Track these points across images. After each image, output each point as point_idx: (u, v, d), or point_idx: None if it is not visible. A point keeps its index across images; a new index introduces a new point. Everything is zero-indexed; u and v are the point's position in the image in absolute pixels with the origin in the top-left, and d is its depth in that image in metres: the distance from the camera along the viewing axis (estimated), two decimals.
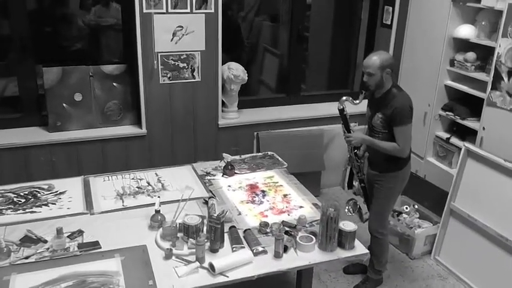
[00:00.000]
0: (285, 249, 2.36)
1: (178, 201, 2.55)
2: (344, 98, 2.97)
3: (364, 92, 2.91)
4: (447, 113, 3.84)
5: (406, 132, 2.80)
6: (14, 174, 3.42)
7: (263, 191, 2.98)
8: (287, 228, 2.53)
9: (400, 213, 3.81)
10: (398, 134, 2.80)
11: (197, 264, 2.22)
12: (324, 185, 4.52)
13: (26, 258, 2.23)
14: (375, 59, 2.78)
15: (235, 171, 3.20)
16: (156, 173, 3.17)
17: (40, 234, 2.40)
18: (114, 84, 3.74)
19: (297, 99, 4.50)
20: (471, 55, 3.64)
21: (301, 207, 2.82)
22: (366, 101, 3.01)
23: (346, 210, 3.17)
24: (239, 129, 4.08)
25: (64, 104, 3.62)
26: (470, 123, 3.64)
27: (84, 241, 2.38)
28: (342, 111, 2.98)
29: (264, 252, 2.35)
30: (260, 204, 2.82)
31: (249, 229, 2.52)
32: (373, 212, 3.11)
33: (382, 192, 3.02)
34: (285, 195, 2.94)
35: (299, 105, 4.48)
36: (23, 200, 2.77)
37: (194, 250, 2.27)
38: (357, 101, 2.93)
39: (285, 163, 3.39)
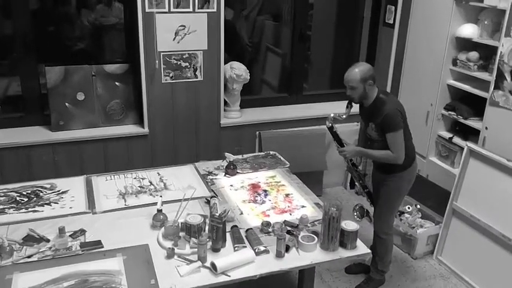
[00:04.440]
0: (287, 248, 2.36)
1: (180, 200, 2.55)
2: (331, 115, 3.00)
3: (350, 105, 2.93)
4: (450, 112, 3.84)
5: (398, 137, 2.78)
6: (17, 174, 3.43)
7: (265, 191, 2.98)
8: (289, 228, 2.53)
9: (402, 213, 3.81)
10: (390, 140, 2.79)
11: (199, 263, 2.22)
12: (326, 185, 4.52)
13: (29, 257, 2.24)
14: (355, 73, 2.78)
15: (238, 171, 3.20)
16: (158, 173, 3.17)
17: (42, 233, 2.41)
18: (117, 83, 3.75)
19: (300, 99, 4.50)
20: (474, 54, 3.63)
21: (303, 206, 2.82)
22: (356, 107, 3.00)
23: (355, 215, 3.19)
24: (241, 129, 4.07)
25: (66, 103, 3.63)
26: (472, 122, 3.64)
27: (87, 240, 2.39)
28: (331, 128, 3.01)
29: (266, 251, 2.36)
30: (262, 204, 2.82)
31: (251, 228, 2.52)
32: (379, 212, 3.11)
33: (388, 192, 3.02)
34: (287, 195, 2.94)
35: (301, 104, 4.48)
36: (25, 199, 2.78)
37: (196, 249, 2.27)
38: (344, 116, 2.96)
39: (287, 163, 3.39)
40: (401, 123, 2.79)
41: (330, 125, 3.00)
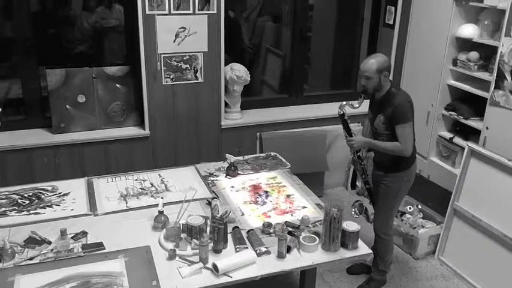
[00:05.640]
0: (288, 249, 2.36)
1: (181, 202, 2.56)
2: (344, 102, 2.99)
3: (363, 95, 2.92)
4: (450, 112, 3.84)
5: (407, 129, 2.79)
6: (18, 176, 3.44)
7: (266, 192, 2.98)
8: (290, 229, 2.53)
9: (403, 213, 3.81)
10: (399, 131, 2.79)
11: (200, 264, 2.23)
12: (327, 186, 4.52)
13: (30, 259, 2.24)
14: (372, 63, 2.78)
15: (239, 172, 3.20)
16: (159, 174, 3.18)
17: (44, 236, 2.41)
18: (117, 85, 3.75)
19: (300, 100, 4.50)
20: (474, 54, 3.63)
21: (304, 207, 2.82)
22: (366, 103, 3.00)
23: (353, 212, 3.18)
24: (242, 130, 4.08)
25: (67, 106, 3.63)
26: (473, 122, 3.64)
27: (88, 242, 2.39)
28: (342, 116, 3.00)
29: (267, 252, 2.36)
30: (263, 205, 2.83)
31: (252, 229, 2.52)
32: (378, 212, 3.11)
33: (387, 192, 3.02)
34: (288, 196, 2.95)
35: (302, 105, 4.48)
36: (27, 202, 2.78)
37: (197, 251, 2.27)
38: (357, 105, 2.94)
39: (288, 164, 3.39)
40: (411, 116, 2.80)
41: (342, 112, 2.99)
